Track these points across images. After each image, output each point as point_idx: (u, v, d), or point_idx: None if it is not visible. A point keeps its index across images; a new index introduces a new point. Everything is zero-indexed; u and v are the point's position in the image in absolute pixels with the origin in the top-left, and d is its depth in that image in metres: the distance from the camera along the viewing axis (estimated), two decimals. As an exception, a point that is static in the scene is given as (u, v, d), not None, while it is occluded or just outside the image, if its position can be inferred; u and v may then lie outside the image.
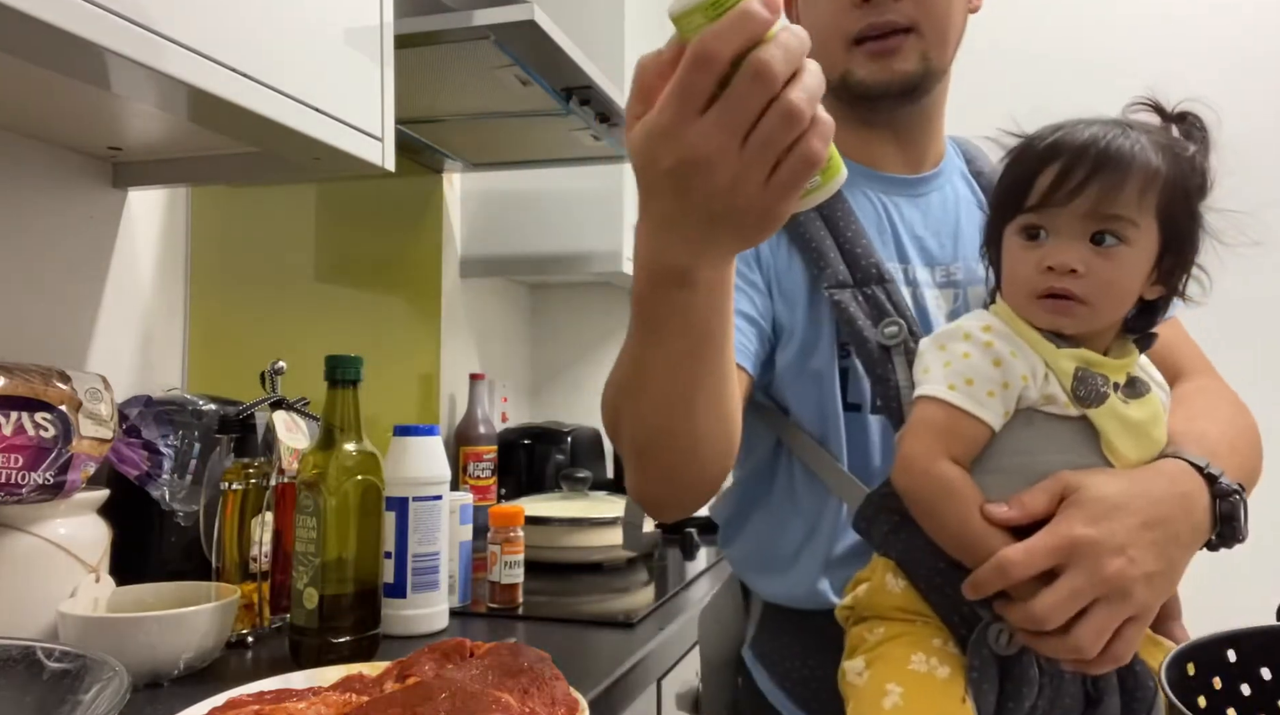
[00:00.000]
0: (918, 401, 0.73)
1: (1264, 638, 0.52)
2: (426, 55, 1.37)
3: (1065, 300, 0.70)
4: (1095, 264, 0.70)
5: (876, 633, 0.75)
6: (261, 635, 0.97)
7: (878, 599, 0.76)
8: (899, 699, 0.70)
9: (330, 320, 1.61)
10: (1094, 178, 0.69)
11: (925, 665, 0.71)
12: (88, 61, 0.75)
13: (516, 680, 0.70)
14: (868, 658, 0.74)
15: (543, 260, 2.05)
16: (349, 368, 0.93)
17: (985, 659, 0.71)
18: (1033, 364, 0.71)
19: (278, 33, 0.90)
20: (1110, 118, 0.73)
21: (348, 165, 1.04)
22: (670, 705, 1.16)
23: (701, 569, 1.44)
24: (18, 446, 0.83)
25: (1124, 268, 0.71)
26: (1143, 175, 0.69)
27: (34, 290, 1.07)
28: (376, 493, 0.94)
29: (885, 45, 0.82)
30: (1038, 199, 0.71)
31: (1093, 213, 0.69)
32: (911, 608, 0.75)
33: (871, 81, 0.83)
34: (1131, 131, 0.71)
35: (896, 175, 0.89)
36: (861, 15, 0.81)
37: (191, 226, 1.30)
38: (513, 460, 2.01)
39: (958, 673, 0.71)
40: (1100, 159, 0.69)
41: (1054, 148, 0.71)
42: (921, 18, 0.81)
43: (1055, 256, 0.70)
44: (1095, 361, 0.72)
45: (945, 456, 0.70)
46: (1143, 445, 0.71)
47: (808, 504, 0.85)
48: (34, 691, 0.58)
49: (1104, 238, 0.70)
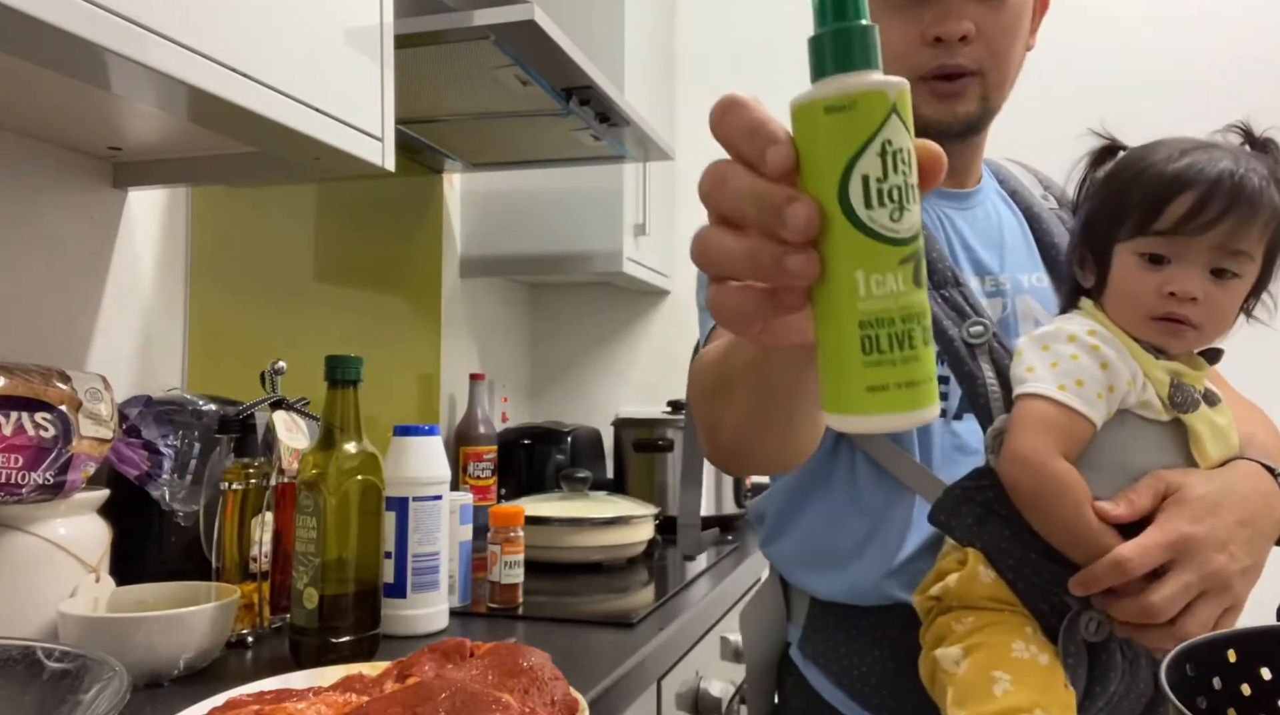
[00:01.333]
0: (1025, 399, 0.75)
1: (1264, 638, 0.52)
2: (426, 55, 1.37)
3: (1180, 324, 0.74)
4: (1213, 293, 0.73)
5: (966, 622, 0.76)
6: (261, 635, 0.97)
7: (969, 588, 0.77)
8: (1009, 685, 0.71)
9: (330, 320, 1.61)
10: (1229, 213, 0.71)
11: (1027, 652, 0.73)
12: (88, 61, 0.75)
13: (516, 680, 0.70)
14: (965, 646, 0.75)
15: (543, 260, 2.05)
16: (349, 368, 0.93)
17: (1079, 646, 0.74)
18: (1134, 370, 0.74)
19: (278, 33, 0.90)
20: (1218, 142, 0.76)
21: (348, 165, 1.04)
22: (670, 705, 1.16)
23: (702, 569, 1.44)
24: (18, 446, 0.83)
25: (1236, 298, 0.75)
26: (1269, 214, 0.72)
27: (34, 290, 1.07)
28: (376, 493, 0.94)
29: (952, 88, 0.83)
30: (1169, 226, 0.73)
31: (1221, 247, 0.72)
32: (1002, 597, 0.76)
33: (935, 120, 0.85)
34: (1255, 164, 0.73)
35: (948, 190, 0.92)
36: (933, 55, 0.82)
37: (191, 226, 1.30)
38: (513, 460, 2.01)
39: (1055, 660, 0.73)
40: (1235, 195, 0.71)
41: (1188, 176, 0.73)
42: (989, 63, 0.83)
43: (1179, 284, 0.73)
44: (1185, 373, 0.75)
45: (1059, 453, 0.73)
46: (1224, 448, 0.75)
47: (872, 499, 0.86)
48: (34, 691, 0.58)
49: (1226, 272, 0.73)
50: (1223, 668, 0.52)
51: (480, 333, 2.15)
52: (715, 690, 1.27)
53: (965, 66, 0.82)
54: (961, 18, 0.81)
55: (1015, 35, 0.85)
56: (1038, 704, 0.70)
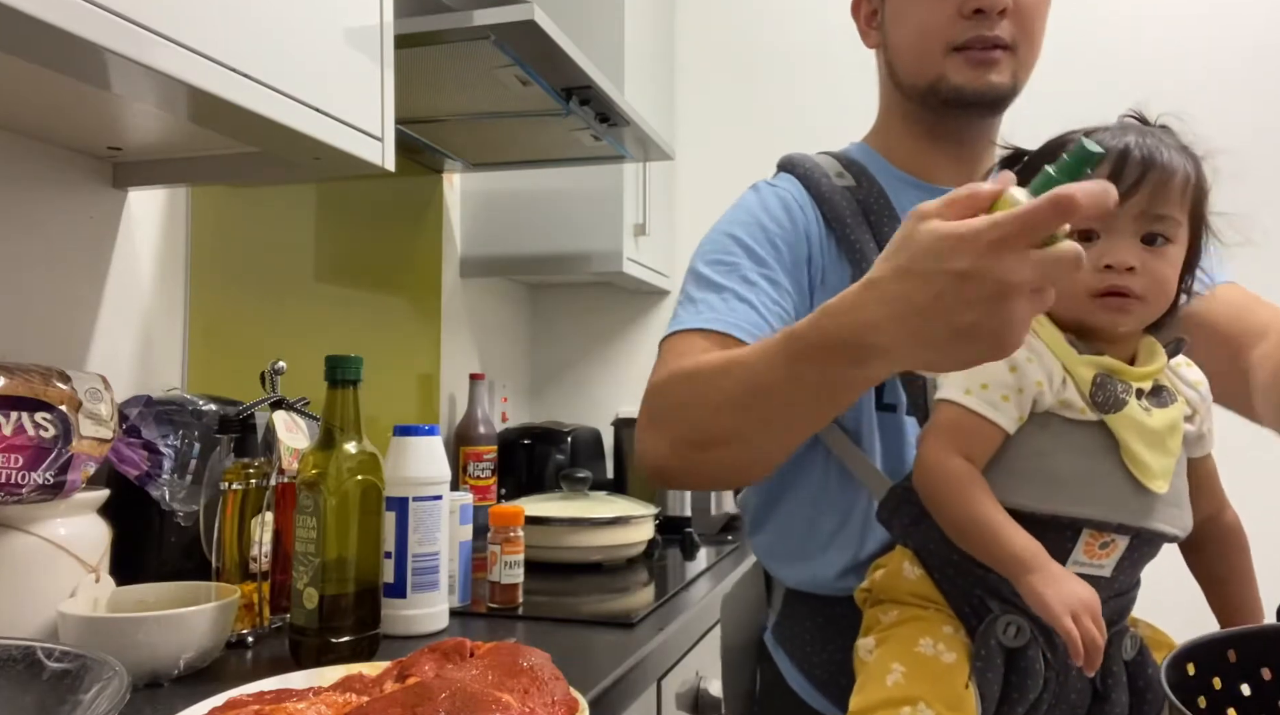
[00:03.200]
0: (938, 404, 0.76)
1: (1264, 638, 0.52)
2: (426, 55, 1.37)
3: (1123, 297, 0.73)
4: (1149, 261, 0.72)
5: (890, 615, 0.78)
6: (261, 635, 0.97)
7: (894, 583, 0.79)
8: (900, 677, 0.72)
9: (330, 320, 1.61)
10: (1145, 178, 0.71)
11: (932, 649, 0.74)
12: (88, 61, 0.75)
13: (516, 680, 0.70)
14: (879, 637, 0.77)
15: (543, 260, 2.05)
16: (349, 368, 0.93)
17: (992, 649, 0.73)
18: (1049, 369, 0.73)
19: (278, 33, 0.90)
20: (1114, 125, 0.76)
21: (348, 165, 1.04)
22: (670, 705, 1.16)
23: (701, 569, 1.44)
24: (18, 446, 0.83)
25: (1172, 264, 0.74)
26: (1183, 176, 0.72)
27: (34, 290, 1.07)
28: (376, 493, 0.94)
29: (987, 55, 0.85)
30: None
31: (1145, 213, 0.72)
32: (925, 595, 0.78)
33: (968, 89, 0.86)
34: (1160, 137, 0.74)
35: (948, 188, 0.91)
36: (970, 26, 0.84)
37: (191, 226, 1.30)
38: (513, 460, 2.01)
39: (964, 660, 0.73)
40: (1148, 160, 0.71)
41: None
42: (1021, 38, 0.85)
43: (1113, 255, 0.72)
44: (1116, 369, 0.73)
45: (957, 455, 0.73)
46: (1160, 454, 0.73)
47: (840, 496, 0.88)
48: (34, 691, 0.58)
49: (1155, 237, 0.73)
50: (1223, 668, 0.52)
51: (480, 333, 2.15)
52: (715, 690, 1.27)
53: (1001, 38, 0.84)
54: None
55: (1043, 15, 0.87)
56: (922, 697, 0.70)
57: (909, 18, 0.88)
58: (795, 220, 0.89)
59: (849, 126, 1.00)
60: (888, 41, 0.92)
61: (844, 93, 2.19)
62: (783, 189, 0.91)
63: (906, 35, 0.89)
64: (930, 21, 0.85)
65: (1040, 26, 0.87)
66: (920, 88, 0.88)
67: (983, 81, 0.85)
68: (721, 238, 0.89)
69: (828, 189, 0.90)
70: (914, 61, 0.88)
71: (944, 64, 0.86)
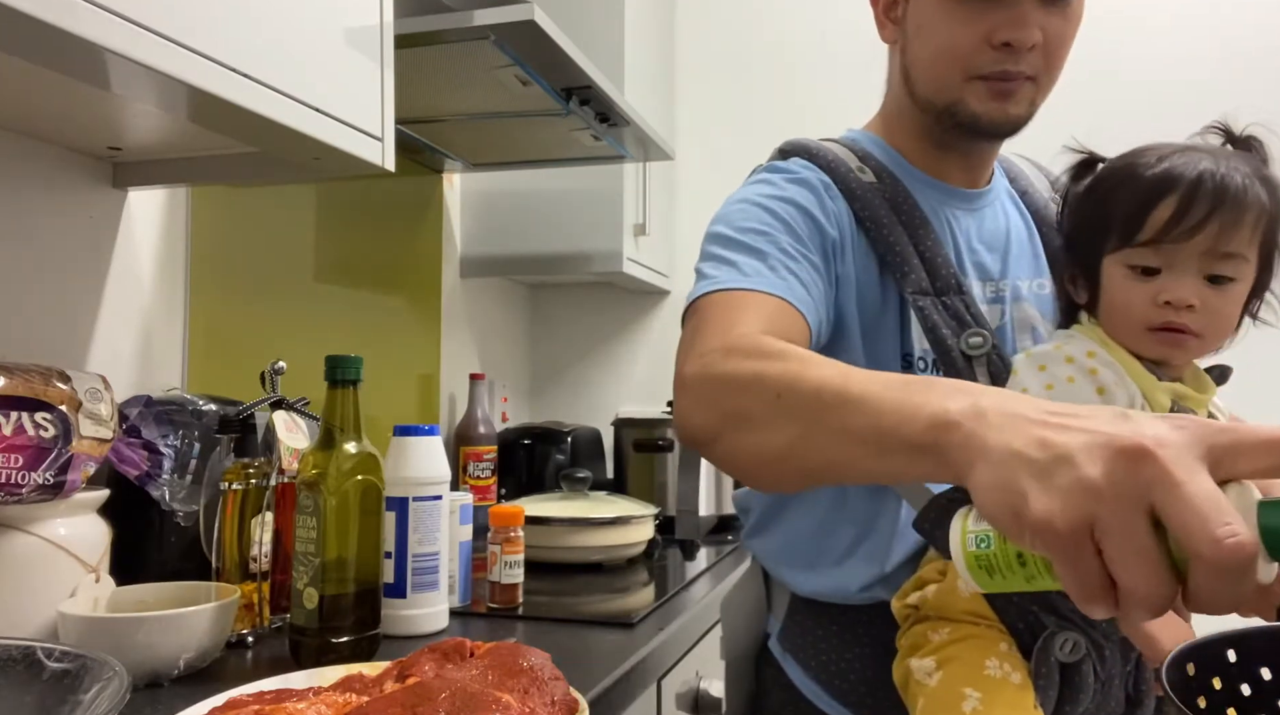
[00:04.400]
0: None
1: (1264, 638, 0.52)
2: (426, 55, 1.37)
3: (1180, 333, 0.71)
4: (1210, 299, 0.71)
5: (941, 633, 0.76)
6: (261, 635, 0.97)
7: (948, 600, 0.77)
8: (978, 704, 0.71)
9: (330, 320, 1.61)
10: (1213, 216, 0.69)
11: (999, 671, 0.73)
12: (88, 61, 0.75)
13: (516, 680, 0.70)
14: (938, 658, 0.75)
15: (543, 260, 2.05)
16: (349, 368, 0.93)
17: (1051, 666, 0.73)
18: (1131, 394, 0.72)
19: (278, 33, 0.90)
20: (1197, 144, 0.74)
21: (348, 165, 1.04)
22: (670, 705, 1.16)
23: (701, 569, 1.44)
24: (18, 446, 0.83)
25: (1235, 302, 0.73)
26: (1256, 212, 0.70)
27: (34, 290, 1.07)
28: (376, 493, 0.94)
29: (1008, 87, 0.82)
30: (1153, 234, 0.71)
31: (1211, 251, 0.70)
32: (979, 612, 0.76)
33: (986, 119, 0.83)
34: (1236, 163, 0.71)
35: (959, 188, 0.91)
36: (997, 59, 0.81)
37: (191, 226, 1.30)
38: (513, 460, 2.01)
39: (1026, 679, 0.73)
40: (1218, 195, 0.69)
41: (1166, 180, 0.71)
42: (1044, 70, 0.82)
43: (1173, 292, 0.71)
44: (1186, 395, 0.73)
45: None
46: None
47: (864, 506, 0.85)
48: (34, 691, 0.58)
49: (1220, 276, 0.71)
50: (1223, 668, 0.51)
51: (480, 333, 2.15)
52: (715, 690, 1.27)
53: (1025, 72, 0.81)
54: (1033, 25, 0.79)
55: (1070, 44, 0.84)
56: None
57: (933, 35, 0.83)
58: (825, 204, 0.84)
59: (849, 126, 0.99)
60: (906, 47, 0.87)
61: (844, 92, 2.19)
62: (810, 174, 0.86)
63: (928, 52, 0.84)
64: (956, 45, 0.81)
65: (1065, 55, 0.84)
66: (937, 106, 0.85)
67: (1001, 113, 0.83)
68: (749, 208, 0.82)
69: (856, 185, 0.85)
70: (932, 80, 0.85)
71: (963, 89, 0.82)
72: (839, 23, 2.24)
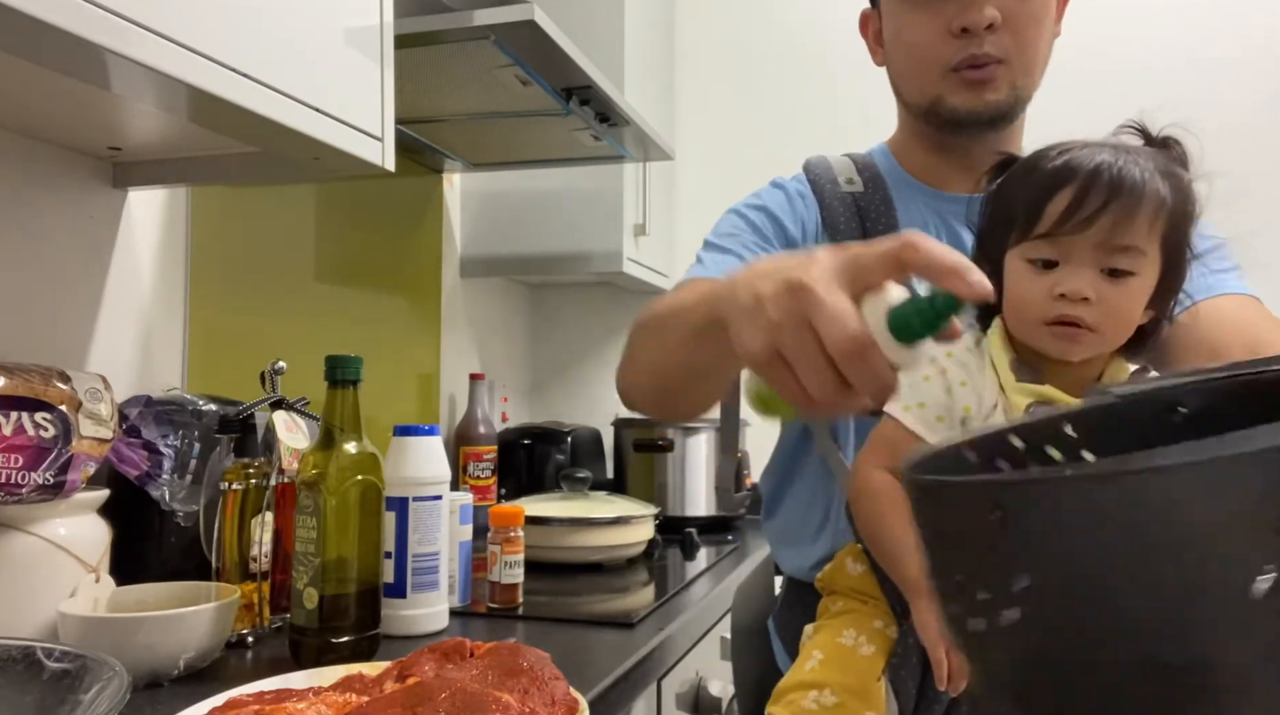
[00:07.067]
0: (883, 417, 0.78)
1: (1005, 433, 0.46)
2: (426, 55, 1.37)
3: (1075, 327, 0.71)
4: (1106, 292, 0.70)
5: (836, 606, 0.83)
6: (261, 635, 0.97)
7: (838, 577, 0.84)
8: (816, 664, 0.77)
9: (330, 320, 1.61)
10: (1108, 207, 0.68)
11: (853, 641, 0.77)
12: (88, 61, 0.75)
13: (516, 680, 0.70)
14: (817, 625, 0.82)
15: (543, 260, 2.05)
16: (349, 368, 0.93)
17: (909, 648, 0.76)
18: (981, 395, 0.73)
19: (278, 33, 0.90)
20: (1106, 140, 0.73)
21: (348, 165, 1.04)
22: (670, 705, 1.16)
23: (701, 569, 1.44)
24: (18, 446, 0.83)
25: (1133, 296, 0.71)
26: (1154, 204, 0.69)
27: (34, 290, 1.07)
28: (376, 493, 0.94)
29: (980, 75, 0.85)
30: (1049, 226, 0.70)
31: (1106, 243, 0.69)
32: (866, 590, 0.81)
33: (964, 109, 0.86)
34: (1137, 157, 0.70)
35: (958, 194, 0.92)
36: (960, 46, 0.84)
37: (191, 226, 1.30)
38: (513, 460, 2.01)
39: (880, 654, 0.76)
40: (1114, 187, 0.68)
41: (1064, 172, 0.70)
42: (1014, 50, 0.84)
43: (1068, 284, 0.70)
44: (1054, 397, 0.72)
45: (886, 469, 0.75)
46: None
47: (831, 488, 0.91)
48: (34, 691, 0.58)
49: (1117, 269, 0.70)
50: None
51: (480, 333, 2.15)
52: (715, 690, 1.27)
53: (992, 55, 0.83)
54: (985, 5, 0.82)
55: (1041, 21, 0.85)
56: (830, 684, 0.74)
57: (902, 37, 0.88)
58: (796, 209, 0.93)
59: (849, 126, 1.00)
60: (889, 60, 0.93)
61: (844, 92, 2.19)
62: (792, 185, 0.97)
63: (902, 56, 0.90)
64: (921, 40, 0.86)
65: (1037, 32, 0.85)
66: (922, 107, 0.89)
67: (979, 102, 0.85)
68: (730, 216, 0.96)
69: (830, 195, 0.93)
70: (912, 81, 0.89)
71: (940, 85, 0.86)
72: (838, 23, 2.24)
